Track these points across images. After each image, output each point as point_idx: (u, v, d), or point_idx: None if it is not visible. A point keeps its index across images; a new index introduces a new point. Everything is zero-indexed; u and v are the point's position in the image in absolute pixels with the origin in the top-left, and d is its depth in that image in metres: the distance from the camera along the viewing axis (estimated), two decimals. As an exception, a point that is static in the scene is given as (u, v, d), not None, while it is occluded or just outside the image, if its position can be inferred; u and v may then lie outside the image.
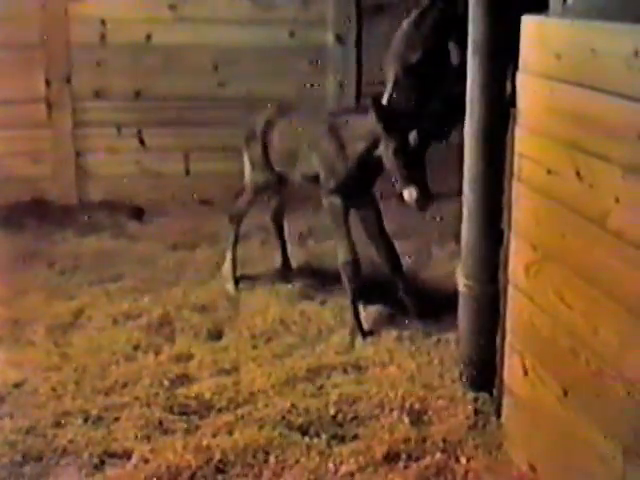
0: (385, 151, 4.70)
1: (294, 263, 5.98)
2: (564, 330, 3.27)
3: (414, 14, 4.80)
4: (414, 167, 4.63)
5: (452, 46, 4.70)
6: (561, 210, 3.28)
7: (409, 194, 4.62)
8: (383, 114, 4.67)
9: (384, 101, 4.83)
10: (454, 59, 4.70)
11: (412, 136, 4.59)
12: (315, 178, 5.19)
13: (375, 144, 4.78)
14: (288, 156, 5.39)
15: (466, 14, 4.11)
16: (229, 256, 5.77)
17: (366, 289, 5.25)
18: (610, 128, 2.93)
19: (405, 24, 4.85)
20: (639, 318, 2.78)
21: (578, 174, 3.12)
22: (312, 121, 5.32)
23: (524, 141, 3.59)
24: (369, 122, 4.73)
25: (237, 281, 5.71)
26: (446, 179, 5.01)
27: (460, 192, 4.26)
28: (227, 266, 5.76)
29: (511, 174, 3.71)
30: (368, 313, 5.20)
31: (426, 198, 4.63)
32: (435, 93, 4.77)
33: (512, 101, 3.69)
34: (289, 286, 5.64)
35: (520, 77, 3.61)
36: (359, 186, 5.03)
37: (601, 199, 2.98)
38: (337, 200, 5.07)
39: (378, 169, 4.90)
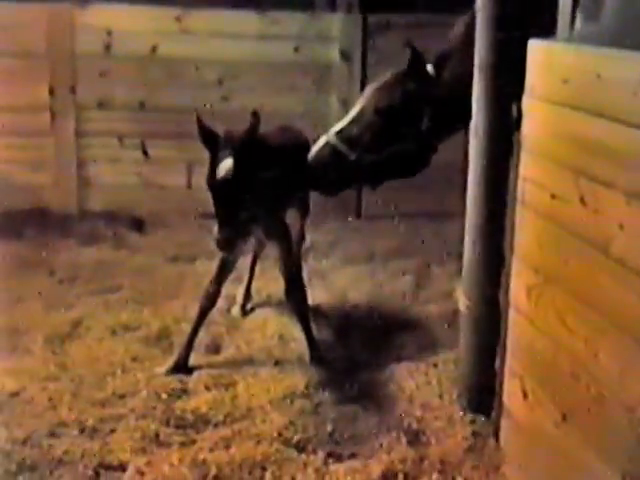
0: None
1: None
2: (565, 354, 3.26)
3: (401, 70, 4.80)
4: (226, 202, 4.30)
5: (426, 115, 4.72)
6: (564, 235, 3.28)
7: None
8: (204, 133, 4.41)
9: (336, 128, 4.78)
10: (424, 126, 4.73)
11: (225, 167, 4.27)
12: None
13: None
14: None
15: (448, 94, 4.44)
16: (246, 280, 5.60)
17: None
18: (615, 154, 2.93)
19: (389, 74, 4.85)
20: (640, 345, 2.79)
21: (582, 200, 3.12)
22: None
23: (528, 165, 3.59)
24: None
25: (244, 306, 5.58)
26: (450, 199, 5.01)
27: (463, 212, 4.27)
28: (240, 290, 5.59)
29: (514, 197, 3.71)
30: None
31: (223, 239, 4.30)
32: (390, 144, 4.75)
33: (517, 125, 3.70)
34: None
35: (526, 101, 3.62)
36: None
37: (605, 225, 2.98)
38: None
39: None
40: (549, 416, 3.38)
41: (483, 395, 4.13)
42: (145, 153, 7.38)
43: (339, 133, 4.78)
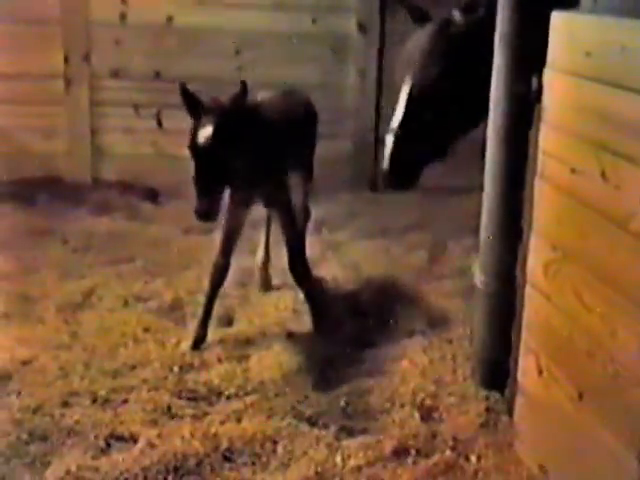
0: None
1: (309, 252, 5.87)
2: (582, 332, 3.22)
3: (435, 26, 4.57)
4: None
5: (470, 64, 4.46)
6: (584, 210, 3.23)
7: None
8: (187, 99, 4.27)
9: (395, 123, 4.49)
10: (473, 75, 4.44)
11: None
12: None
13: None
14: None
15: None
16: (262, 244, 5.47)
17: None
18: (639, 128, 2.88)
19: (424, 35, 4.59)
20: (659, 323, 2.75)
21: (603, 174, 3.07)
22: None
23: (549, 139, 3.53)
24: None
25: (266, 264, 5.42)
26: (467, 173, 4.94)
27: (481, 187, 4.21)
28: (260, 253, 5.46)
29: (534, 171, 3.65)
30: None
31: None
32: (453, 114, 4.55)
33: (538, 97, 3.64)
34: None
35: (547, 73, 3.55)
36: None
37: (626, 201, 2.92)
38: None
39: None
40: (564, 393, 3.34)
41: (497, 371, 4.10)
42: (159, 123, 7.33)
43: (401, 128, 4.52)
